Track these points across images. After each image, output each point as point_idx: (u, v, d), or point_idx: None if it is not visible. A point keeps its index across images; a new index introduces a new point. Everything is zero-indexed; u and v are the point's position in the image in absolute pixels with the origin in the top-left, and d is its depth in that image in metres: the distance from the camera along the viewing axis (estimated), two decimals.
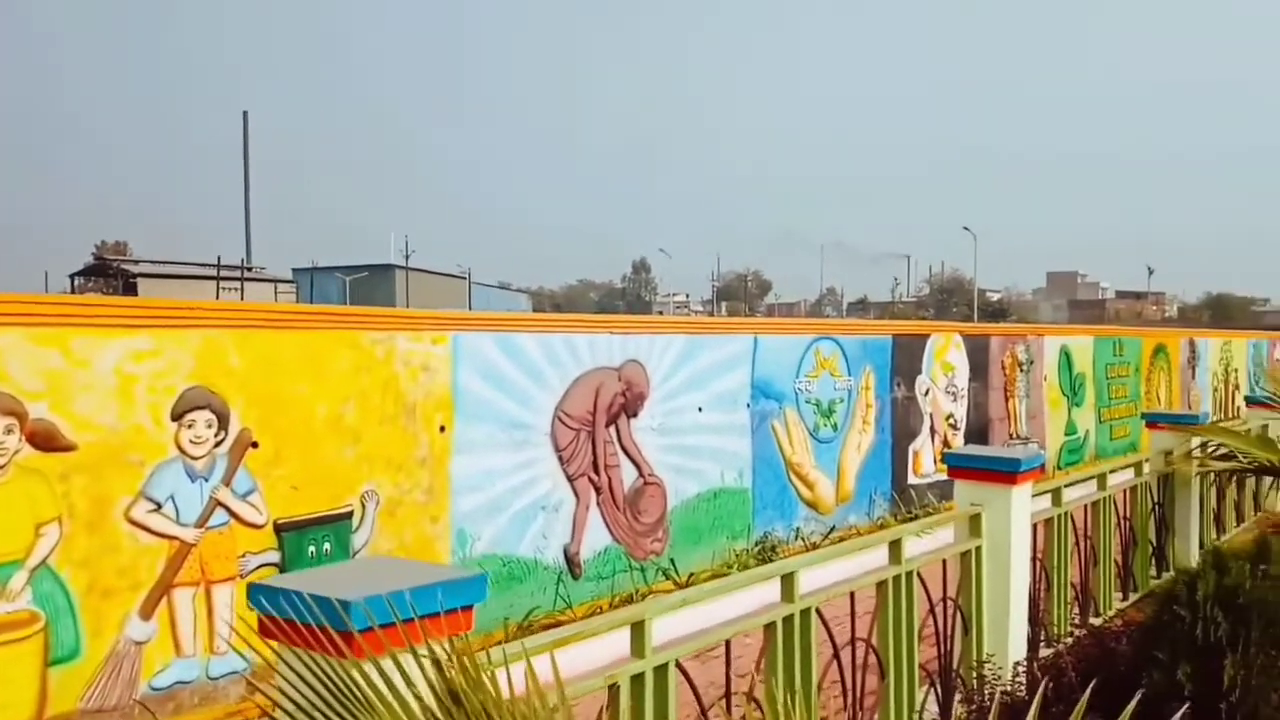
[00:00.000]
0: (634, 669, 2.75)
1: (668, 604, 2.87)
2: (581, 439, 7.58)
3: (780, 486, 9.42)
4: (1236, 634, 3.47)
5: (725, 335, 8.98)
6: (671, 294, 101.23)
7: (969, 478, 4.23)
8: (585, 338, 7.61)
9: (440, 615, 1.95)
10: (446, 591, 2.04)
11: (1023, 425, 13.52)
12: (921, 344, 11.52)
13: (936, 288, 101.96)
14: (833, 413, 10.15)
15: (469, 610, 2.14)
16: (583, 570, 7.53)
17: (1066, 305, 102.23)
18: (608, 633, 2.78)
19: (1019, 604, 4.28)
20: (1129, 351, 16.43)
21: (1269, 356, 23.55)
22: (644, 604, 2.83)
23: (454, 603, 2.06)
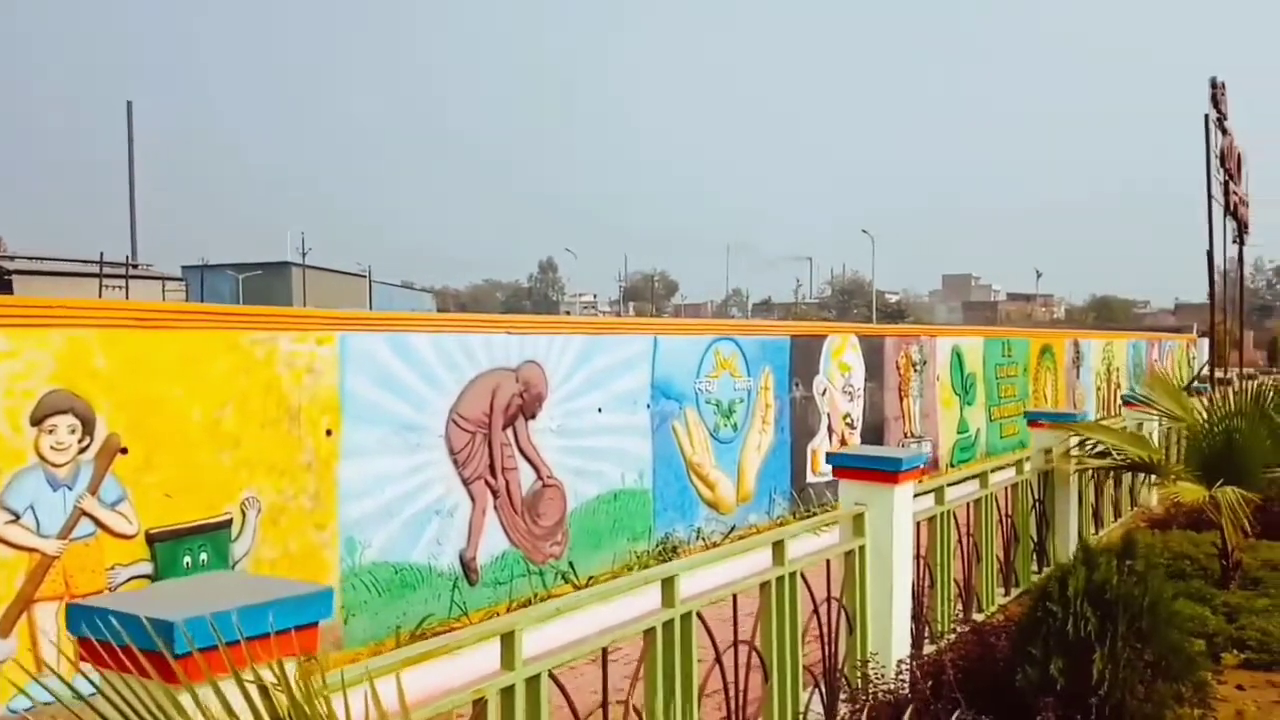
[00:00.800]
0: (503, 682, 2.67)
1: (540, 613, 2.79)
2: (477, 441, 7.44)
3: (681, 487, 9.43)
4: (1105, 628, 3.56)
5: (625, 336, 8.94)
6: (579, 294, 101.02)
7: (852, 477, 4.26)
8: (481, 338, 7.48)
9: (272, 636, 1.82)
10: (281, 610, 1.91)
11: (917, 424, 13.84)
12: (819, 345, 11.69)
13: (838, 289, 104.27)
14: (733, 413, 10.21)
15: (310, 629, 2.02)
16: (479, 576, 7.39)
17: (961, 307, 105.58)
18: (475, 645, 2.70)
19: (902, 602, 4.33)
20: (1017, 352, 16.99)
21: (1147, 356, 24.68)
22: (514, 614, 2.75)
23: (289, 622, 1.93)
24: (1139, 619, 3.58)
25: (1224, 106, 11.75)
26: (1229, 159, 12.18)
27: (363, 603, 6.60)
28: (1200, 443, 6.23)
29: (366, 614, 6.62)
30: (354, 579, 6.56)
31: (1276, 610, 5.59)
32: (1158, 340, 26.75)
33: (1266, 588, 6.09)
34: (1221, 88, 11.70)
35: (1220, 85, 11.66)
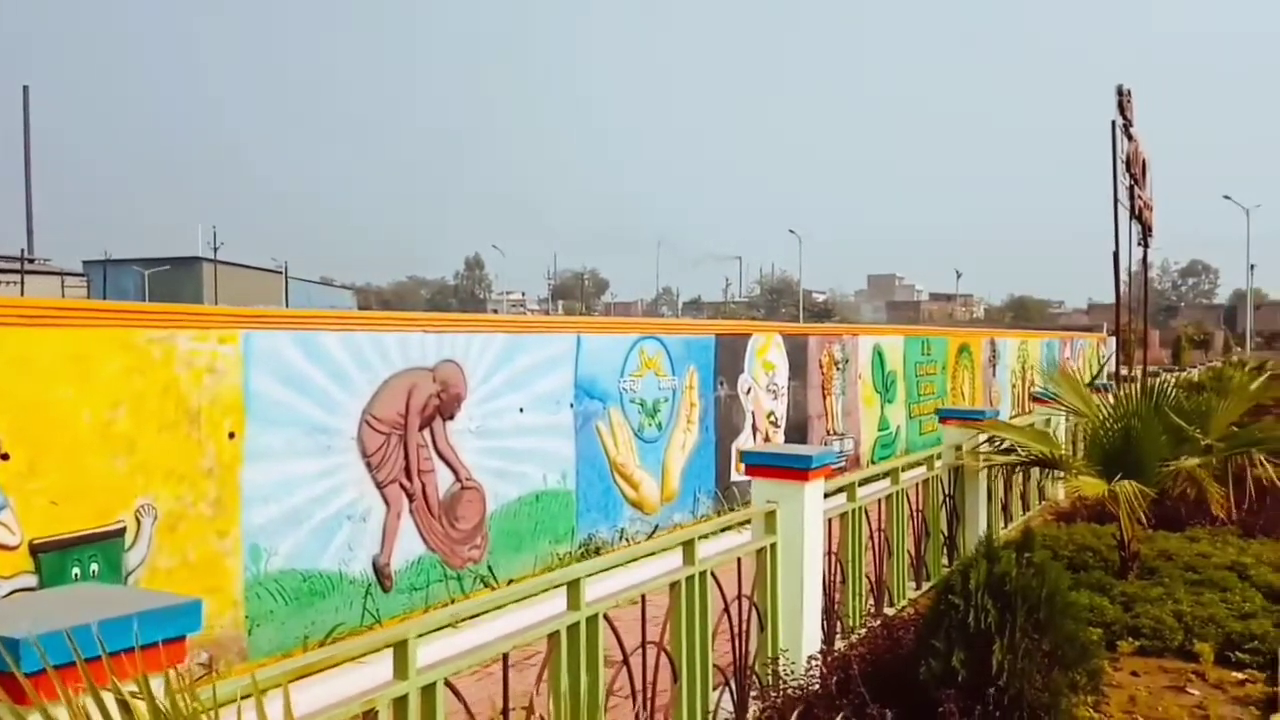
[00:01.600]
0: (396, 691, 2.59)
1: (433, 621, 2.72)
2: (392, 443, 7.29)
3: (605, 487, 9.38)
4: (1004, 620, 3.62)
5: (547, 335, 8.86)
6: (506, 292, 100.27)
7: (765, 475, 4.27)
8: (395, 336, 7.33)
9: (137, 650, 1.72)
10: (146, 622, 1.81)
11: (839, 422, 14.01)
12: (743, 343, 11.75)
13: (767, 289, 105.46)
14: (657, 412, 10.20)
15: (178, 642, 1.92)
16: (394, 582, 7.24)
17: (885, 306, 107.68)
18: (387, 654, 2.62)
19: (813, 598, 4.35)
20: (936, 351, 17.32)
21: (1060, 355, 25.40)
22: (406, 624, 2.67)
23: (155, 635, 1.83)
24: (1037, 610, 3.65)
25: (1130, 113, 12.13)
26: (1134, 164, 12.57)
27: (268, 612, 6.40)
28: (1101, 438, 6.41)
29: (272, 624, 6.42)
30: (259, 588, 6.36)
31: (1169, 599, 5.78)
32: (1070, 339, 27.59)
33: (1161, 577, 6.29)
34: (1127, 95, 12.08)
35: (1126, 93, 12.03)
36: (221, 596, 6.08)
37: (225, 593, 6.10)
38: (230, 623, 6.13)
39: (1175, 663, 5.18)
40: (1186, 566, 6.60)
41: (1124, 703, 4.52)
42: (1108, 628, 5.42)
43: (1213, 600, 5.86)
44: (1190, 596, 5.87)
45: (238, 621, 6.17)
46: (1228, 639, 5.34)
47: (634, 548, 3.61)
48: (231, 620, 6.14)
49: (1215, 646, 5.25)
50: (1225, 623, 5.49)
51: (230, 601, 6.13)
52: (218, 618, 6.05)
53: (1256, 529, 7.97)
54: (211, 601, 6.00)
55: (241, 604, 6.19)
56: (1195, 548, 7.14)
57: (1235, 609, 5.76)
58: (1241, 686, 4.83)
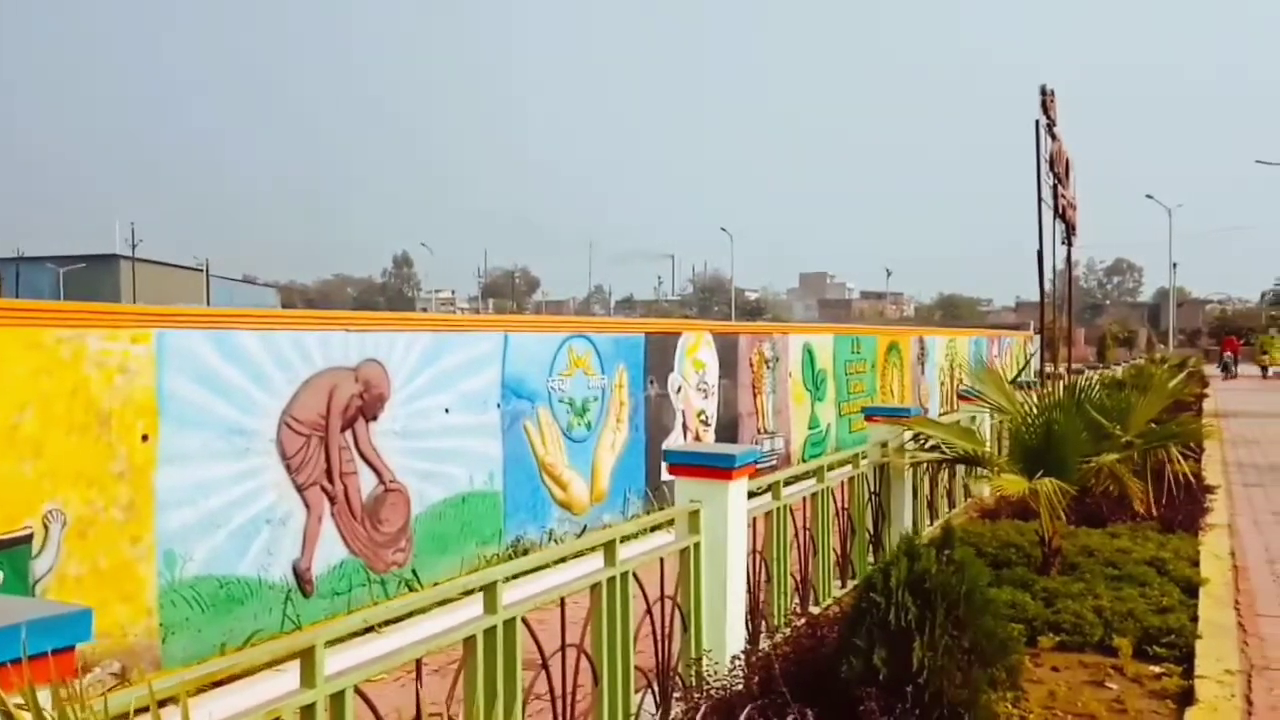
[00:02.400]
0: (303, 700, 2.49)
1: (343, 628, 2.63)
2: (313, 445, 7.11)
3: (533, 488, 9.29)
4: (924, 617, 3.63)
5: (474, 333, 8.73)
6: (436, 290, 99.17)
7: (687, 474, 4.24)
8: (316, 336, 7.15)
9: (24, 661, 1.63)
10: (34, 632, 1.72)
11: (769, 420, 14.08)
12: (673, 342, 11.73)
13: (700, 287, 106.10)
14: (586, 411, 10.13)
15: (67, 653, 1.82)
16: (315, 587, 7.06)
17: (817, 305, 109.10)
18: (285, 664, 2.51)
19: (737, 598, 4.33)
20: (866, 349, 17.52)
21: (988, 353, 25.93)
22: (314, 630, 2.57)
23: (44, 645, 1.74)
24: (956, 607, 3.67)
25: (1053, 113, 12.37)
26: (1058, 163, 12.84)
27: (184, 620, 6.20)
28: (1023, 436, 6.51)
29: (188, 632, 6.22)
30: (174, 594, 6.16)
31: (1090, 594, 5.89)
32: (997, 337, 28.18)
33: (1083, 573, 6.41)
34: (1051, 95, 12.31)
35: (1050, 92, 12.27)
36: (134, 604, 5.89)
37: (138, 600, 5.91)
38: (144, 631, 5.94)
39: (1095, 657, 5.27)
40: (1107, 562, 6.74)
41: (1044, 698, 4.58)
42: (1029, 623, 5.50)
43: (1132, 595, 5.97)
44: (1110, 592, 5.99)
45: (151, 630, 5.98)
46: (1146, 633, 5.44)
47: (550, 550, 3.55)
48: (145, 628, 5.95)
49: (1134, 641, 5.34)
50: (1144, 617, 5.59)
51: (144, 609, 5.93)
52: (131, 626, 5.86)
53: (1176, 524, 8.19)
54: (124, 609, 5.82)
55: (155, 611, 6.00)
56: (1116, 543, 7.29)
57: (1154, 603, 5.88)
58: (1158, 680, 4.93)
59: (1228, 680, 4.77)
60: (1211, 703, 4.54)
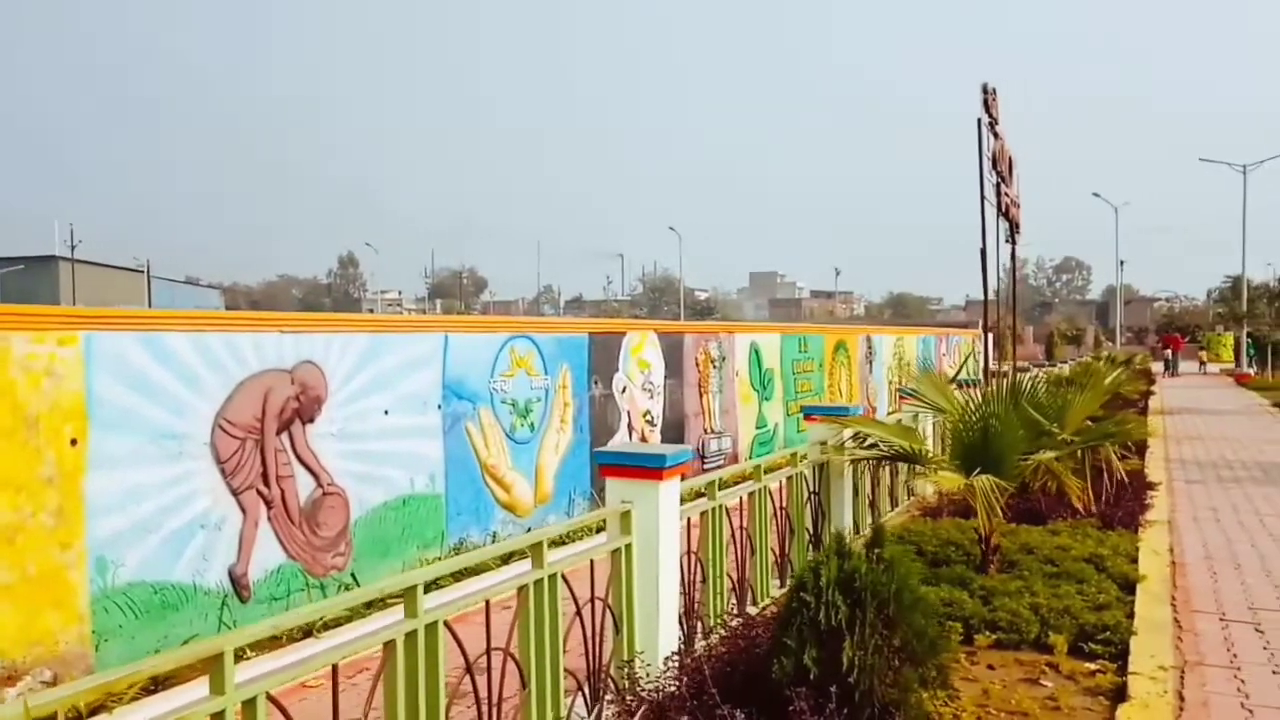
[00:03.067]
0: (213, 707, 2.41)
1: (250, 635, 2.54)
2: (248, 449, 6.97)
3: (475, 490, 9.19)
4: (854, 616, 3.62)
5: (413, 334, 8.62)
6: (382, 291, 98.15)
7: (618, 475, 4.19)
8: (250, 337, 7.01)
9: None
10: None
11: (716, 420, 14.09)
12: (618, 342, 11.69)
13: (650, 286, 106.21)
14: (529, 412, 10.05)
15: None
16: (252, 592, 6.92)
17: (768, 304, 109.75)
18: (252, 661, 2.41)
19: (670, 599, 4.29)
20: (813, 348, 17.61)
21: (936, 351, 26.23)
22: (223, 636, 2.49)
23: None
24: (887, 605, 3.66)
25: (995, 111, 12.49)
26: (1000, 161, 12.98)
27: (117, 627, 6.06)
28: (961, 433, 6.55)
29: (121, 639, 6.08)
30: (106, 601, 6.02)
31: (1027, 591, 5.93)
32: (945, 335, 28.51)
33: (1021, 570, 6.46)
34: (993, 93, 12.44)
35: (991, 91, 12.38)
36: (66, 611, 5.75)
37: (69, 607, 5.76)
38: (76, 639, 5.79)
39: (1031, 655, 5.29)
40: (1046, 559, 6.80)
41: (977, 696, 4.59)
42: (966, 622, 5.52)
43: (1069, 592, 6.01)
44: (1048, 589, 6.02)
45: (84, 637, 5.84)
46: (1082, 630, 5.47)
47: (473, 553, 3.47)
48: (77, 636, 5.80)
49: (1069, 638, 5.37)
50: (1080, 614, 5.62)
51: (75, 616, 5.79)
52: (62, 633, 5.72)
53: (1116, 520, 8.30)
54: (55, 616, 5.69)
55: (87, 619, 5.86)
56: (1056, 540, 7.37)
57: (1091, 600, 5.93)
58: (1093, 677, 4.96)
59: (1161, 676, 4.82)
60: (1144, 699, 4.58)
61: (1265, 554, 7.95)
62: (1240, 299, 41.14)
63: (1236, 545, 8.29)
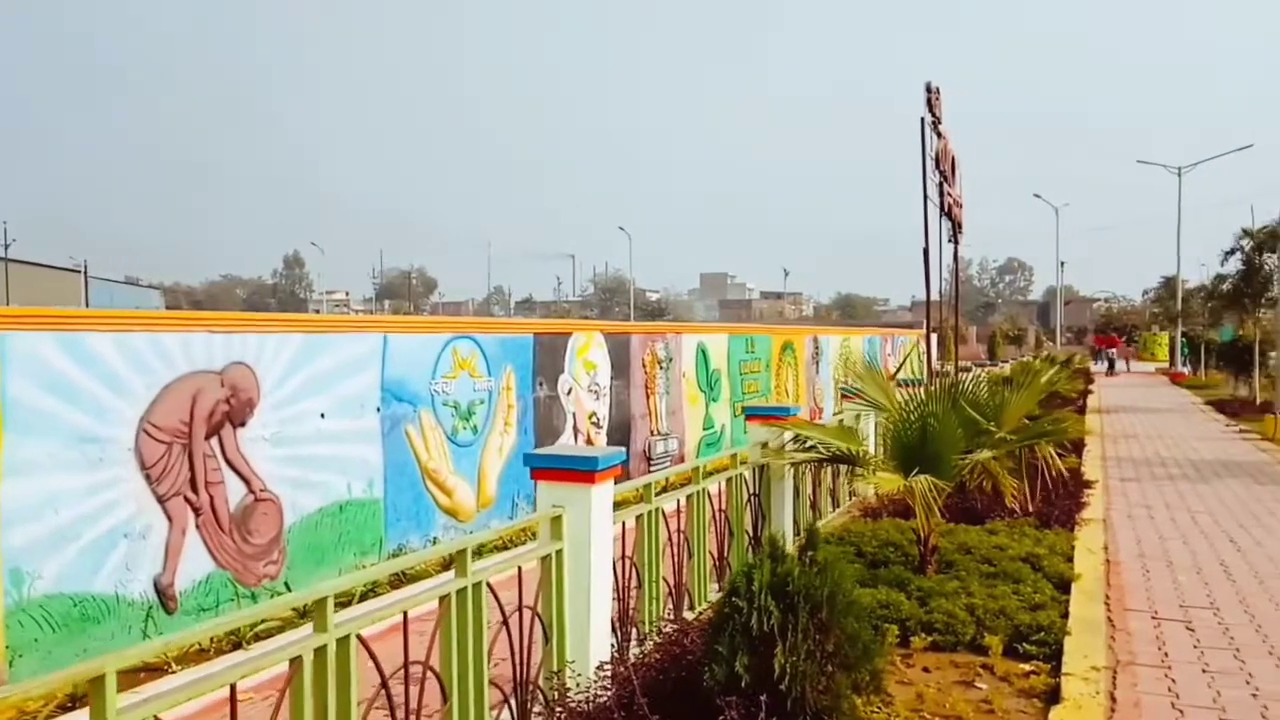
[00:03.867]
0: None
1: (135, 655, 2.40)
2: (175, 454, 6.74)
3: (416, 495, 9.02)
4: (786, 622, 3.55)
5: (350, 335, 8.42)
6: (329, 292, 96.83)
7: (549, 478, 4.08)
8: (177, 337, 6.78)
9: None
10: None
11: (663, 421, 14.03)
12: (563, 342, 11.57)
13: (601, 287, 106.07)
14: (472, 415, 9.89)
15: None
16: (178, 603, 6.70)
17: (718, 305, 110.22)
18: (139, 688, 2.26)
19: (603, 606, 4.19)
20: (760, 348, 17.63)
21: (882, 351, 26.45)
22: (103, 658, 2.34)
23: None
24: (819, 610, 3.60)
25: (938, 110, 12.57)
26: (943, 161, 13.06)
27: (32, 641, 5.82)
28: (900, 433, 6.54)
29: (37, 654, 5.83)
30: (21, 615, 5.78)
31: (964, 592, 5.92)
32: (891, 335, 28.77)
33: (958, 570, 6.46)
34: (936, 92, 12.51)
35: (935, 90, 12.45)
36: None
37: None
38: None
39: (967, 656, 5.27)
40: (984, 559, 6.81)
41: (912, 700, 4.55)
42: (903, 623, 5.49)
43: (1005, 592, 6.01)
44: (985, 589, 6.01)
45: None
46: (1017, 631, 5.46)
47: (384, 564, 3.35)
48: None
49: (1004, 639, 5.36)
50: (1015, 614, 5.62)
51: None
52: None
53: (1053, 519, 8.37)
54: None
55: (1, 633, 5.59)
56: (994, 540, 7.39)
57: (1026, 600, 5.93)
58: (1027, 679, 4.95)
59: (1093, 677, 4.83)
60: (1076, 700, 4.58)
61: (1196, 551, 8.08)
62: (1175, 299, 42.10)
63: (1169, 543, 8.42)
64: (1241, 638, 5.68)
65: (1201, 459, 14.39)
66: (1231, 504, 10.39)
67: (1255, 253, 23.80)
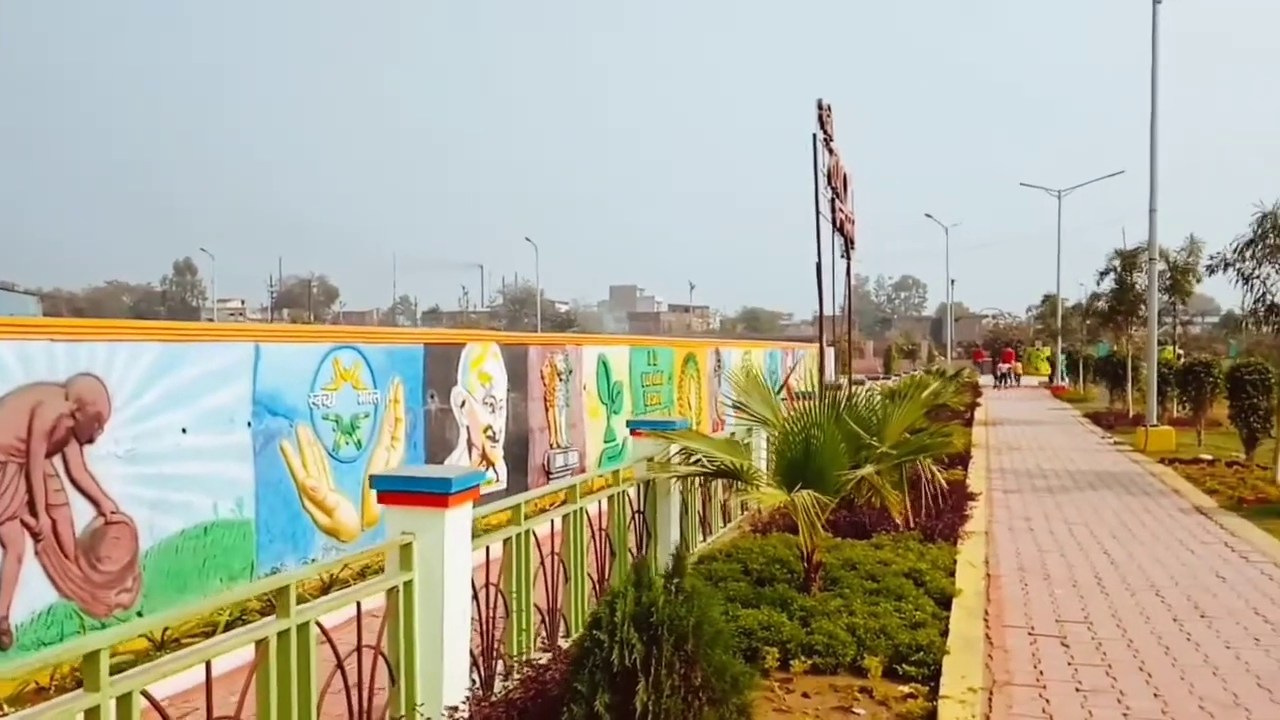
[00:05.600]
0: None
1: None
2: (10, 474, 6.20)
3: (292, 514, 8.55)
4: (650, 655, 3.33)
5: (217, 344, 7.93)
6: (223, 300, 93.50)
7: (397, 502, 3.78)
8: (13, 346, 6.24)
9: None
10: None
11: (563, 434, 13.77)
12: (457, 353, 11.23)
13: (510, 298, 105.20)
14: (355, 429, 9.47)
15: None
16: (14, 638, 6.14)
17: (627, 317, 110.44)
18: None
19: (458, 641, 3.89)
20: (663, 361, 17.52)
21: (783, 364, 26.67)
22: None
23: None
24: (685, 641, 3.39)
25: (830, 127, 12.63)
26: (835, 178, 13.13)
27: None
28: (784, 449, 6.42)
29: None
30: None
31: (846, 611, 5.78)
32: (791, 349, 29.07)
33: (842, 588, 6.34)
34: (827, 109, 12.57)
35: (826, 107, 12.51)
36: None
37: None
38: None
39: (847, 679, 5.12)
40: (868, 575, 6.70)
41: None
42: (784, 646, 5.31)
43: (888, 610, 5.89)
44: (867, 608, 5.89)
45: None
46: (897, 651, 5.33)
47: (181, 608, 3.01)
48: None
49: (885, 660, 5.23)
50: (896, 634, 5.49)
51: None
52: None
53: (937, 532, 8.37)
54: None
55: None
56: (879, 554, 7.31)
57: (908, 618, 5.81)
58: (905, 702, 4.81)
59: (970, 699, 4.73)
60: None
61: (1073, 564, 8.18)
62: (1055, 316, 43.76)
63: (1047, 555, 8.51)
64: (1114, 654, 5.69)
65: (1079, 470, 14.76)
66: (1106, 515, 10.62)
67: (1126, 272, 24.76)
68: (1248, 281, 13.51)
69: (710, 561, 7.01)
